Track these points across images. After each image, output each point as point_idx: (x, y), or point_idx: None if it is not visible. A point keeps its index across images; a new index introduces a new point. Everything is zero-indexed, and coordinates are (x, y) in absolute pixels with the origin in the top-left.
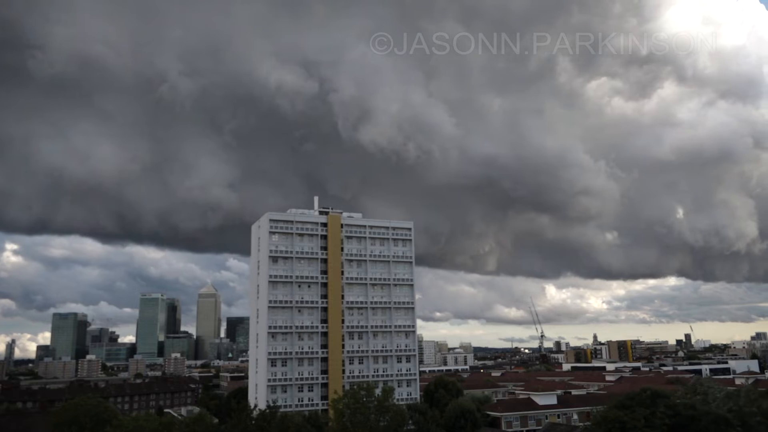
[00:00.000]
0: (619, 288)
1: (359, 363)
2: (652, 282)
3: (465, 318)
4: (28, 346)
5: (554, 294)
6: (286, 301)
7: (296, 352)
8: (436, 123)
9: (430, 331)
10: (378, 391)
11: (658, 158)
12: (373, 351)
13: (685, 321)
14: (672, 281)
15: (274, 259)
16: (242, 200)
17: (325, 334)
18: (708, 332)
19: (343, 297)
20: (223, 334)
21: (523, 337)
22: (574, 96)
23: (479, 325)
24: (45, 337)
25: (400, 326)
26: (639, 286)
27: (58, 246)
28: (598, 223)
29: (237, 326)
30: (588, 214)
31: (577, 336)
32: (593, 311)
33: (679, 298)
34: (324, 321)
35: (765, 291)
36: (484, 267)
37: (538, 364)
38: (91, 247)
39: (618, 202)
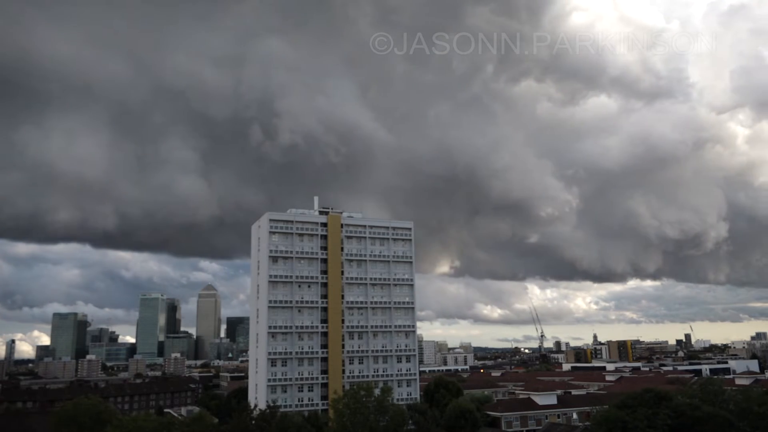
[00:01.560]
0: (600, 289)
1: (359, 363)
2: (632, 283)
3: (449, 317)
4: (20, 345)
5: (537, 294)
6: (286, 301)
7: (296, 352)
8: (371, 128)
9: (423, 330)
10: (377, 391)
11: (613, 161)
12: (373, 351)
13: (673, 321)
14: (649, 282)
15: (274, 259)
16: (208, 204)
17: (325, 334)
18: (701, 332)
19: (343, 297)
20: (223, 334)
21: (518, 337)
22: (508, 100)
23: (469, 325)
24: (32, 337)
25: (400, 326)
26: (619, 287)
27: (27, 246)
28: (566, 226)
29: (237, 326)
30: (555, 217)
31: (571, 336)
32: (581, 312)
33: (665, 298)
34: (324, 321)
35: (745, 293)
36: (460, 268)
37: (538, 364)
38: (60, 248)
39: (585, 205)
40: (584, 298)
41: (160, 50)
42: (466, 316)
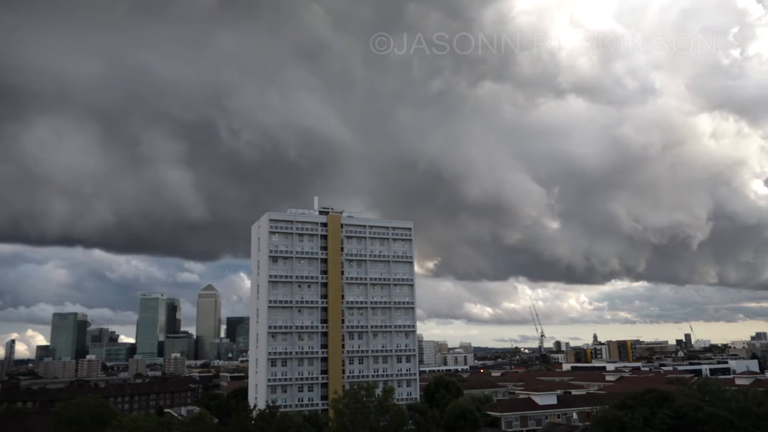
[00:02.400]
0: (590, 290)
1: (359, 363)
2: (621, 284)
3: (440, 317)
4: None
5: (530, 294)
6: (286, 301)
7: (296, 352)
8: (345, 130)
9: (418, 330)
10: (378, 391)
11: (589, 164)
12: (373, 351)
13: (667, 321)
14: (638, 283)
15: (274, 259)
16: (190, 205)
17: (325, 334)
18: (697, 332)
19: (343, 297)
20: (223, 334)
21: (514, 337)
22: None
23: (463, 325)
24: (26, 337)
25: (400, 326)
26: (607, 288)
27: (9, 247)
28: (548, 228)
29: (237, 326)
30: (536, 218)
31: (564, 336)
32: (575, 312)
33: (658, 298)
34: (324, 321)
35: (736, 293)
36: (443, 268)
37: (538, 364)
38: (43, 249)
39: (567, 208)
40: (577, 298)
41: (130, 51)
42: (457, 316)
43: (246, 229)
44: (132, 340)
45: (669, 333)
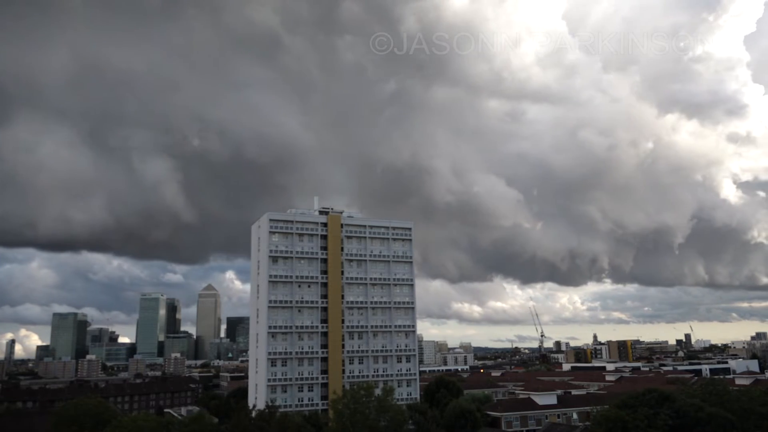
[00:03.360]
0: (578, 291)
1: (359, 363)
2: (609, 287)
3: (433, 317)
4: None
5: (519, 294)
6: (286, 301)
7: (296, 352)
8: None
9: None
10: (378, 391)
11: (559, 167)
12: (373, 351)
13: (659, 322)
14: (626, 285)
15: (274, 259)
16: (176, 211)
17: (325, 334)
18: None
19: (343, 297)
20: (223, 334)
21: (510, 337)
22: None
23: (456, 324)
24: (20, 336)
25: (400, 326)
26: (596, 288)
27: None
28: (528, 229)
29: (237, 326)
30: (514, 220)
31: (562, 336)
32: (568, 312)
33: (649, 299)
34: (324, 321)
35: (725, 293)
36: (426, 268)
37: (538, 364)
38: (25, 249)
39: (546, 210)
40: (569, 298)
41: (94, 48)
42: (448, 316)
43: (228, 229)
44: (128, 340)
45: (665, 333)
